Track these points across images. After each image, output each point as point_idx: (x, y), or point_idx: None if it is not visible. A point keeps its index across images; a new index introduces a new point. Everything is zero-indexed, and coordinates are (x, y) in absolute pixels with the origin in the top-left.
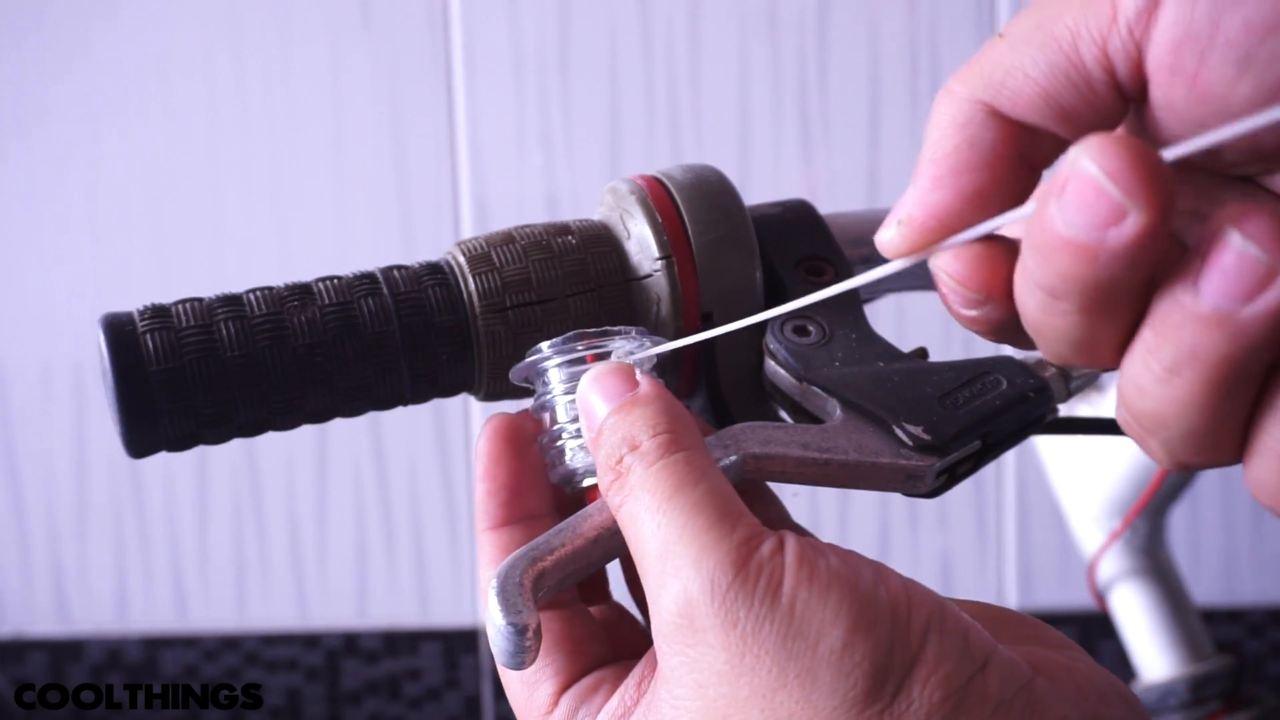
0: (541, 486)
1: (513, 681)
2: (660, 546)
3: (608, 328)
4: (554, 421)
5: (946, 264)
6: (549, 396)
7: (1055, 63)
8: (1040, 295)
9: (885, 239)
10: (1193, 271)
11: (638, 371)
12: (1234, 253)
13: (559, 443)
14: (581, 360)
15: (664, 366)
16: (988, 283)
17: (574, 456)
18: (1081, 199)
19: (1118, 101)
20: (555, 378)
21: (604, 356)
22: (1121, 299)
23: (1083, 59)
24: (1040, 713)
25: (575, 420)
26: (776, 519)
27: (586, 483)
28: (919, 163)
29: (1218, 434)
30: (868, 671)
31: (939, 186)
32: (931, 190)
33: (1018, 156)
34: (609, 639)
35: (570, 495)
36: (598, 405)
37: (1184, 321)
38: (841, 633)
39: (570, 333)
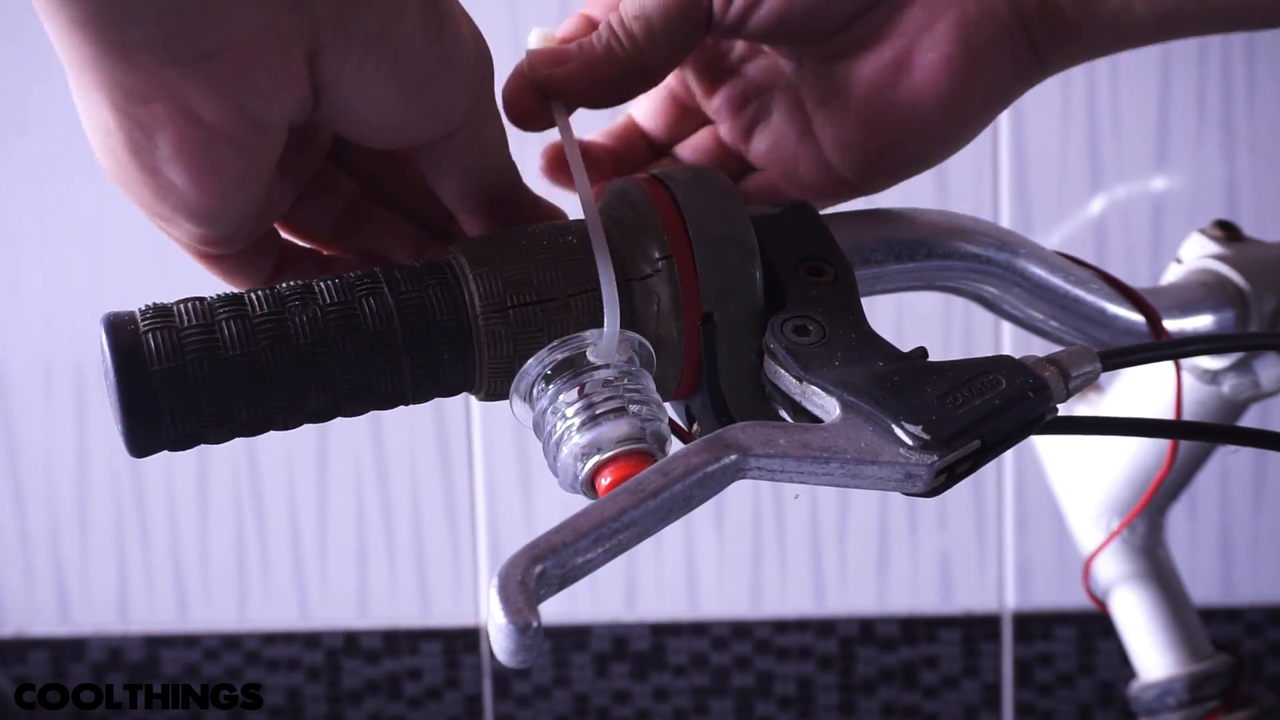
0: None
1: None
2: None
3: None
4: (549, 431)
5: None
6: (540, 411)
7: None
8: None
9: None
10: None
11: None
12: None
13: (556, 449)
14: (555, 368)
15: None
16: None
17: (570, 454)
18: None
19: None
20: (539, 391)
21: (580, 358)
22: None
23: None
24: None
25: (564, 420)
26: None
27: (588, 465)
28: None
29: None
30: None
31: None
32: None
33: None
34: None
35: None
36: None
37: None
38: None
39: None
